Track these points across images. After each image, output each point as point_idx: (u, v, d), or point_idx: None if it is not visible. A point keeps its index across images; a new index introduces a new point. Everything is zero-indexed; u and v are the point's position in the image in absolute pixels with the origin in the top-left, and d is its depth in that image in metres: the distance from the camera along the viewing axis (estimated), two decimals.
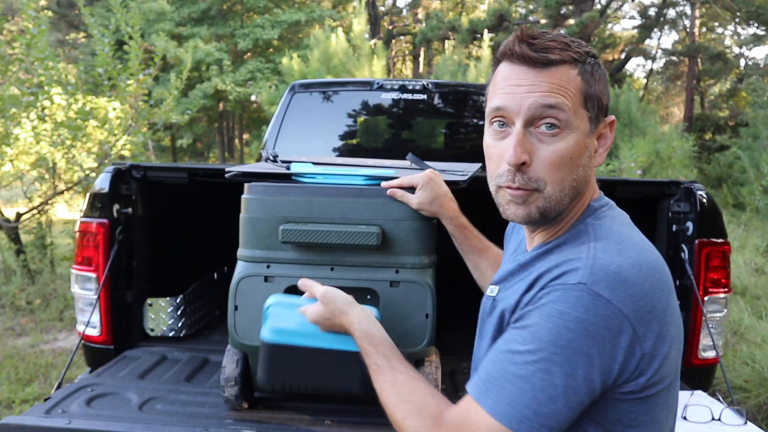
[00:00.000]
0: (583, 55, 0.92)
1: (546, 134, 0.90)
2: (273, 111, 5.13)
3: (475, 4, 25.51)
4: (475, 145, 3.86)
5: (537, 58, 0.89)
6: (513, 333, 0.88)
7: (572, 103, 0.90)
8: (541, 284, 0.88)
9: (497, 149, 0.95)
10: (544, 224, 0.99)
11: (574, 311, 0.82)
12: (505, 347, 0.88)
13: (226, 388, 1.74)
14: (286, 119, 3.52)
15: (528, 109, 0.89)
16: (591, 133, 0.94)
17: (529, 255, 1.00)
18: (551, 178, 0.91)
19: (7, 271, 5.92)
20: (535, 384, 0.82)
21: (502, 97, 0.92)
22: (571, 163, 0.91)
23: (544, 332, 0.83)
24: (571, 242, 0.94)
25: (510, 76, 0.92)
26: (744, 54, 20.40)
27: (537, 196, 0.92)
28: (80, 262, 2.20)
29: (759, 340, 4.10)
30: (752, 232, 8.10)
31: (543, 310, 0.85)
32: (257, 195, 1.65)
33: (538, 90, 0.89)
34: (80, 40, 18.23)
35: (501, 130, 0.94)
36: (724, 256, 2.09)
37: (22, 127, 5.43)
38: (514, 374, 0.84)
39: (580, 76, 0.91)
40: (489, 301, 1.03)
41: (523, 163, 0.90)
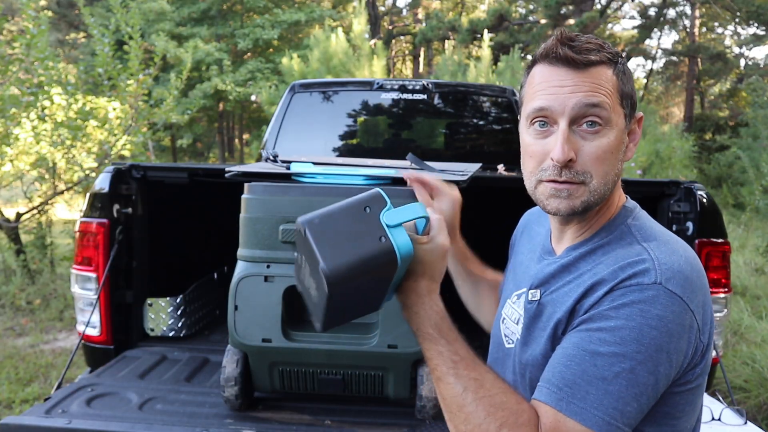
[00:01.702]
0: (615, 56, 0.96)
1: (588, 132, 0.92)
2: (273, 111, 5.13)
3: (475, 4, 25.50)
4: (475, 145, 3.86)
5: (579, 59, 0.92)
6: (588, 335, 0.87)
7: (611, 102, 0.93)
8: (609, 286, 0.88)
9: (539, 146, 0.95)
10: (581, 218, 0.99)
11: (654, 309, 0.84)
12: (581, 350, 0.86)
13: (226, 388, 1.74)
14: (286, 119, 3.53)
15: (572, 108, 0.91)
16: (626, 129, 0.97)
17: (569, 256, 0.99)
18: (597, 172, 0.93)
19: (7, 271, 5.92)
20: (620, 384, 0.83)
21: (544, 97, 0.94)
22: (613, 157, 0.94)
23: (627, 332, 0.84)
24: (616, 243, 0.95)
25: (551, 78, 0.94)
26: (744, 54, 20.41)
27: (583, 190, 0.93)
28: (80, 262, 2.20)
29: (759, 340, 4.10)
30: (752, 232, 8.10)
31: (623, 310, 0.85)
32: (257, 195, 1.65)
33: (581, 90, 0.92)
34: (80, 40, 18.23)
35: (543, 130, 0.95)
36: (724, 256, 2.09)
37: (22, 127, 5.43)
38: (597, 377, 0.84)
39: (615, 75, 0.95)
40: (533, 305, 1.00)
41: (570, 161, 0.92)
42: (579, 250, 0.99)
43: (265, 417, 1.75)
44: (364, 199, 0.86)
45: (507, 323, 1.08)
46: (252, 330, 1.65)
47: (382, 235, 0.83)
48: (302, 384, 1.77)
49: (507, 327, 1.08)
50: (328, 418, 1.74)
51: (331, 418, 1.75)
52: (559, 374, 0.86)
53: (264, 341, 1.65)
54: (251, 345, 1.67)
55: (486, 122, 3.85)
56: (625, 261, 0.89)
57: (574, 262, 0.98)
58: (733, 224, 8.64)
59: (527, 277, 1.07)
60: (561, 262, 1.00)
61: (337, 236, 0.82)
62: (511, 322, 1.07)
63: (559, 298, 0.95)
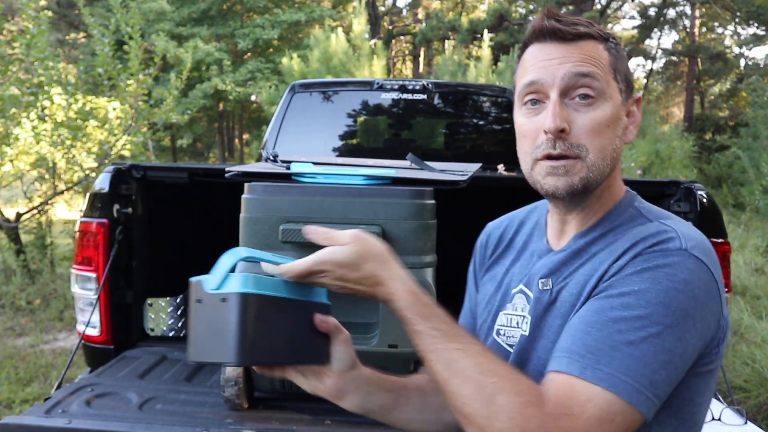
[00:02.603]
0: (606, 34, 0.95)
1: (581, 104, 0.90)
2: (273, 111, 5.13)
3: (475, 4, 25.51)
4: (475, 145, 3.86)
5: (567, 30, 0.90)
6: (609, 301, 0.81)
7: (603, 74, 0.91)
8: (633, 253, 0.84)
9: (532, 124, 0.92)
10: (582, 200, 0.94)
11: (681, 273, 0.80)
12: (602, 317, 0.80)
13: (226, 388, 1.74)
14: (286, 119, 3.53)
15: (562, 78, 0.89)
16: (623, 106, 0.94)
17: (577, 243, 0.94)
18: (592, 144, 0.89)
19: (7, 271, 5.92)
20: (647, 350, 0.77)
21: (534, 71, 0.92)
22: (609, 131, 0.91)
23: (653, 295, 0.79)
24: (627, 224, 0.92)
25: (540, 53, 0.92)
26: (744, 54, 20.42)
27: (580, 166, 0.89)
28: (80, 262, 2.20)
29: (759, 340, 4.10)
30: (752, 232, 8.10)
31: (647, 273, 0.81)
32: (257, 195, 1.65)
33: (570, 60, 0.90)
34: (80, 40, 18.23)
35: (534, 108, 0.92)
36: (724, 256, 2.09)
37: (22, 127, 5.43)
38: (622, 342, 0.77)
39: (606, 51, 0.93)
40: (545, 295, 0.93)
41: (562, 131, 0.88)
42: (588, 236, 0.95)
43: (265, 417, 1.75)
44: (191, 297, 0.82)
45: (506, 332, 1.01)
46: None
47: (218, 298, 0.79)
48: None
49: (509, 336, 1.01)
50: (328, 418, 1.74)
51: (331, 418, 1.75)
52: (580, 341, 0.80)
53: None
54: None
55: (486, 122, 3.85)
56: (646, 234, 0.86)
57: (585, 248, 0.93)
58: (733, 224, 8.65)
59: (522, 279, 1.01)
60: (571, 249, 0.95)
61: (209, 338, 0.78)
62: (511, 329, 1.00)
63: (575, 282, 0.90)
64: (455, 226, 2.01)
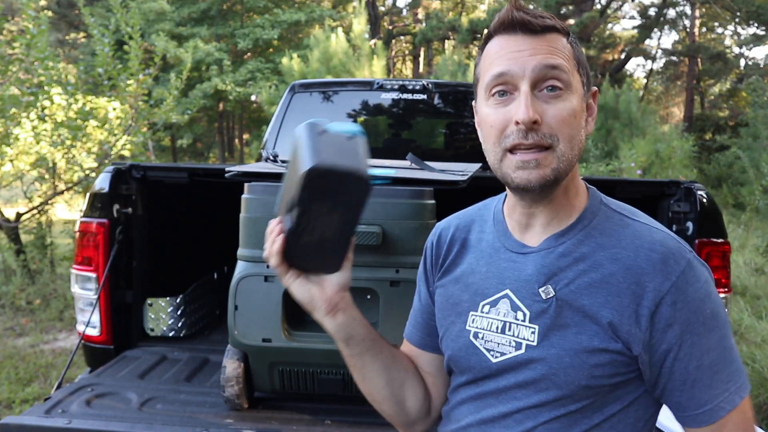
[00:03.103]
0: (567, 28, 0.96)
1: (550, 96, 0.90)
2: (273, 111, 5.13)
3: (475, 4, 25.50)
4: (475, 145, 3.85)
5: (536, 23, 0.91)
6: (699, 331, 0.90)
7: (569, 66, 0.92)
8: (674, 279, 0.89)
9: (500, 115, 0.92)
10: (550, 192, 0.95)
11: (703, 275, 0.92)
12: (708, 345, 0.90)
13: (226, 388, 1.74)
14: (286, 119, 3.53)
15: (533, 70, 0.90)
16: (585, 98, 0.96)
17: (560, 243, 0.96)
18: (563, 134, 0.90)
19: (7, 271, 5.92)
20: (734, 347, 0.93)
21: (503, 63, 0.92)
22: (576, 122, 0.92)
23: (716, 303, 0.92)
24: (606, 222, 0.97)
25: (507, 45, 0.93)
26: (744, 54, 20.40)
27: (552, 157, 0.90)
28: (80, 262, 2.20)
29: (759, 340, 4.10)
30: (752, 232, 8.10)
31: (694, 295, 0.90)
32: (257, 195, 1.65)
33: (540, 53, 0.90)
34: (80, 40, 18.23)
35: (503, 99, 0.92)
36: (724, 256, 2.09)
37: (22, 127, 5.43)
38: (732, 349, 0.92)
39: (570, 44, 0.95)
40: (549, 303, 0.93)
41: (534, 122, 0.89)
42: (571, 236, 0.96)
43: (265, 417, 1.76)
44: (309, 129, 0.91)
45: (486, 336, 0.99)
46: (252, 330, 1.65)
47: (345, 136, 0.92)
48: (302, 384, 1.77)
49: (488, 340, 0.98)
50: (328, 418, 1.74)
51: (331, 418, 1.75)
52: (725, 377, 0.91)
53: (264, 341, 1.65)
54: (251, 345, 1.67)
55: None
56: (663, 251, 0.91)
57: (574, 249, 0.94)
58: (733, 224, 8.64)
59: (501, 281, 0.99)
60: (558, 251, 0.95)
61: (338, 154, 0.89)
62: (493, 333, 0.98)
63: (589, 290, 0.92)
64: None
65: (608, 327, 0.90)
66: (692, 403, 0.90)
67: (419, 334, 1.15)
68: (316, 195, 0.88)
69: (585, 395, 0.91)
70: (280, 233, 0.95)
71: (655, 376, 0.91)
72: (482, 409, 0.99)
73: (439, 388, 1.12)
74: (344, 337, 1.03)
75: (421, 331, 1.15)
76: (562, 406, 0.92)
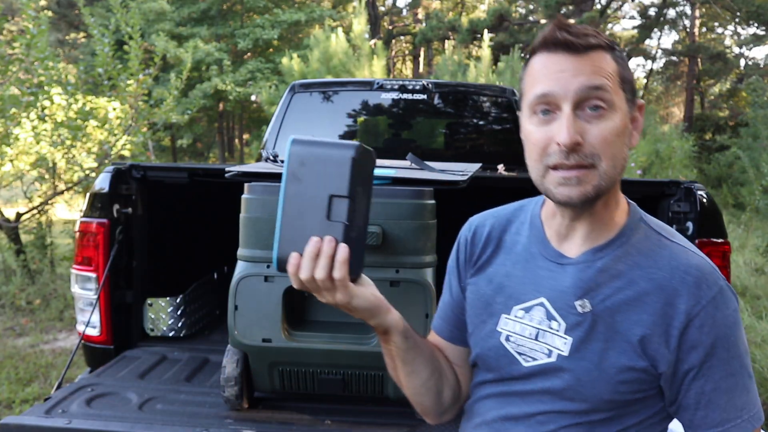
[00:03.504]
0: (612, 42, 0.96)
1: (593, 115, 0.91)
2: (273, 111, 5.13)
3: (475, 4, 25.51)
4: (475, 145, 3.86)
5: (578, 42, 0.92)
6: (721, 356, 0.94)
7: (613, 85, 0.93)
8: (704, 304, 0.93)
9: (542, 133, 0.94)
10: (592, 206, 0.96)
11: (733, 303, 0.96)
12: (727, 370, 0.94)
13: (226, 388, 1.74)
14: (286, 119, 3.52)
15: (575, 92, 0.91)
16: (629, 115, 0.97)
17: (599, 258, 0.98)
18: (605, 153, 0.91)
19: (7, 271, 5.92)
20: (752, 376, 0.98)
21: (546, 83, 0.93)
22: (619, 141, 0.93)
23: (740, 332, 0.96)
24: (646, 241, 0.99)
25: (551, 64, 0.93)
26: (744, 54, 20.41)
27: (593, 175, 0.91)
28: (80, 262, 2.20)
29: (759, 340, 4.10)
30: (752, 232, 8.09)
31: (721, 321, 0.93)
32: (257, 195, 1.65)
33: (583, 73, 0.91)
34: (80, 40, 18.23)
35: (545, 118, 0.94)
36: (724, 256, 2.09)
37: (22, 127, 5.43)
38: (750, 378, 0.96)
39: (614, 61, 0.95)
40: (586, 317, 0.95)
41: (576, 144, 0.90)
42: (609, 252, 0.98)
43: (265, 417, 1.76)
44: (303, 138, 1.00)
45: (518, 340, 1.01)
46: (252, 330, 1.65)
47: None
48: (302, 384, 1.77)
49: (520, 345, 1.01)
50: (328, 418, 1.74)
51: (331, 418, 1.75)
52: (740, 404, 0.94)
53: (264, 341, 1.65)
54: (251, 345, 1.67)
55: (486, 122, 3.85)
56: (698, 276, 0.94)
57: (612, 265, 0.97)
58: (733, 224, 8.64)
59: (537, 288, 1.01)
60: (596, 267, 0.97)
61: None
62: (526, 339, 1.01)
63: (623, 308, 0.94)
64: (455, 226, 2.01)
65: (638, 345, 0.93)
66: (704, 423, 0.94)
67: (449, 328, 1.17)
68: (358, 178, 0.91)
69: (607, 408, 0.95)
70: (336, 243, 0.92)
71: (674, 393, 0.95)
72: (506, 406, 1.02)
73: (466, 378, 1.16)
74: (402, 329, 1.04)
75: (451, 325, 1.17)
76: (585, 415, 0.96)
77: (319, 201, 0.91)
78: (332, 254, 0.92)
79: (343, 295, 0.94)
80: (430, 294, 1.62)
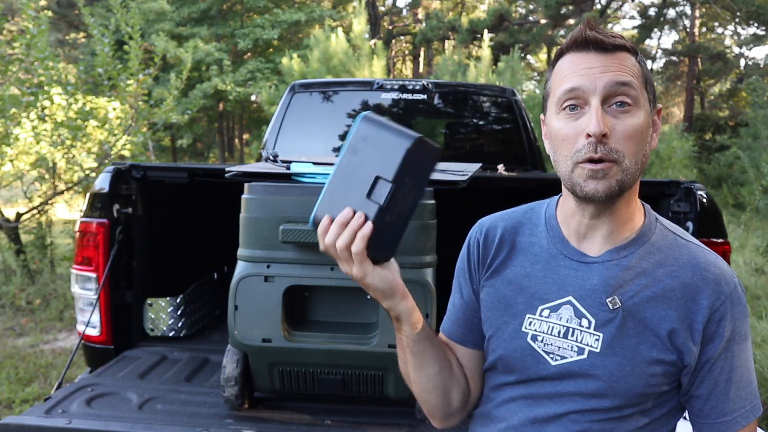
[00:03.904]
0: (635, 47, 1.00)
1: (619, 111, 0.95)
2: (273, 111, 5.13)
3: (475, 4, 25.51)
4: (475, 145, 3.86)
5: (608, 41, 0.96)
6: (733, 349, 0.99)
7: (638, 84, 0.97)
8: (722, 300, 0.98)
9: (571, 128, 0.97)
10: (614, 203, 0.99)
11: (744, 298, 1.02)
12: (738, 362, 0.99)
13: (226, 388, 1.74)
14: (286, 119, 3.53)
15: (604, 87, 0.94)
16: (651, 115, 1.00)
17: (623, 257, 1.01)
18: (628, 150, 0.95)
19: (7, 271, 5.92)
20: (754, 369, 1.02)
21: (575, 79, 0.96)
22: (642, 138, 0.97)
23: (748, 326, 1.02)
24: (663, 240, 1.03)
25: (580, 61, 0.97)
26: (744, 54, 20.40)
27: (616, 170, 0.95)
28: (80, 262, 2.20)
29: (759, 340, 4.10)
30: (752, 232, 8.10)
31: (737, 316, 0.99)
32: (257, 195, 1.65)
33: (611, 70, 0.95)
34: (80, 40, 18.23)
35: (574, 113, 0.97)
36: (724, 256, 2.09)
37: (22, 127, 5.43)
38: (753, 371, 1.01)
39: (638, 63, 0.99)
40: (616, 313, 0.98)
41: (604, 135, 0.93)
42: (632, 251, 1.01)
43: (265, 417, 1.76)
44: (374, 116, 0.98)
45: (546, 339, 1.02)
46: (252, 330, 1.65)
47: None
48: (302, 384, 1.77)
49: (548, 344, 1.02)
50: (328, 418, 1.74)
51: (331, 418, 1.75)
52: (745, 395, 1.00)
53: (264, 341, 1.65)
54: (251, 345, 1.67)
55: (486, 122, 3.85)
56: (716, 272, 0.99)
57: (636, 263, 1.00)
58: (733, 224, 8.64)
59: (563, 287, 1.03)
60: (622, 265, 1.00)
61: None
62: (554, 337, 1.01)
63: (651, 304, 0.98)
64: (455, 226, 2.01)
65: (667, 339, 0.97)
66: (713, 413, 0.99)
67: (461, 330, 1.17)
68: (410, 169, 0.92)
69: (638, 402, 0.98)
70: (365, 220, 0.93)
71: (689, 384, 1.00)
72: (535, 408, 1.03)
73: (477, 382, 1.16)
74: (415, 320, 1.05)
75: (463, 327, 1.17)
76: (617, 410, 0.98)
77: (365, 177, 0.93)
78: (357, 228, 0.93)
79: (358, 270, 0.96)
80: (430, 294, 1.62)
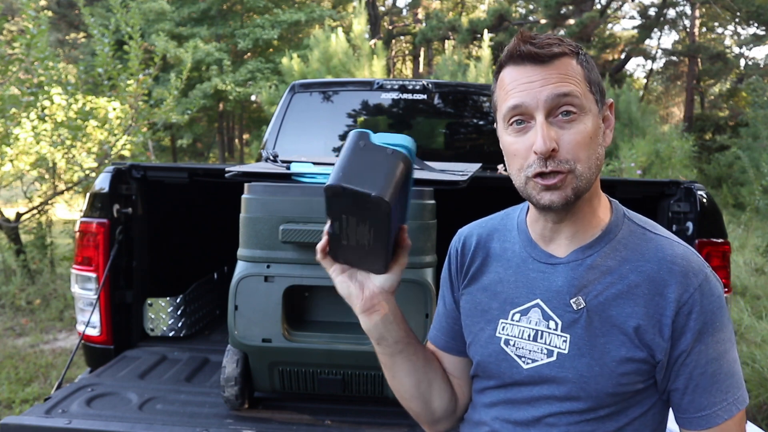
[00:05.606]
0: (576, 47, 0.99)
1: (565, 121, 0.95)
2: (273, 111, 5.14)
3: (475, 4, 25.50)
4: (475, 145, 3.86)
5: (543, 53, 0.95)
6: (710, 346, 0.96)
7: (581, 89, 0.96)
8: (692, 291, 0.96)
9: (520, 144, 0.97)
10: (573, 207, 0.99)
11: (718, 289, 0.98)
12: (716, 360, 0.97)
13: (226, 388, 1.74)
14: (286, 119, 3.52)
15: (545, 101, 0.94)
16: (600, 115, 1.00)
17: (587, 256, 1.01)
18: (580, 157, 0.95)
19: (7, 271, 5.92)
20: (737, 360, 0.99)
21: (517, 95, 0.96)
22: (592, 142, 0.97)
23: (726, 317, 0.98)
24: (630, 237, 1.02)
25: (519, 76, 0.96)
26: (744, 54, 20.38)
27: (570, 178, 0.95)
28: (80, 262, 2.20)
29: (759, 340, 4.10)
30: (752, 232, 8.10)
31: (708, 307, 0.96)
32: (257, 195, 1.65)
33: (550, 82, 0.94)
34: (80, 40, 18.22)
35: (520, 127, 0.97)
36: (724, 256, 2.09)
37: (22, 127, 5.43)
38: (735, 362, 0.98)
39: (579, 65, 0.98)
40: (581, 313, 0.98)
41: (553, 150, 0.93)
42: (597, 249, 1.01)
43: (265, 417, 1.76)
44: (354, 140, 0.93)
45: (517, 343, 1.03)
46: (252, 330, 1.65)
47: (388, 151, 0.92)
48: (302, 384, 1.77)
49: (519, 347, 1.03)
50: (328, 418, 1.74)
51: (331, 418, 1.75)
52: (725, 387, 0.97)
53: (264, 341, 1.66)
54: (251, 345, 1.67)
55: (486, 122, 3.85)
56: (684, 265, 0.97)
57: (601, 262, 1.00)
58: (733, 224, 8.64)
59: (531, 290, 1.03)
60: (586, 264, 1.00)
61: (363, 173, 0.89)
62: (525, 341, 1.03)
63: (616, 301, 0.97)
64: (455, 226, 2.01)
65: (634, 336, 0.96)
66: (692, 407, 0.97)
67: (444, 338, 1.19)
68: (340, 209, 0.92)
69: (611, 402, 0.97)
70: (327, 233, 0.98)
71: (665, 380, 0.99)
72: (513, 412, 1.04)
73: (464, 389, 1.17)
74: (376, 337, 1.07)
75: (446, 335, 1.19)
76: (591, 412, 0.98)
77: None
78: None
79: (329, 272, 1.03)
80: (430, 294, 1.62)
